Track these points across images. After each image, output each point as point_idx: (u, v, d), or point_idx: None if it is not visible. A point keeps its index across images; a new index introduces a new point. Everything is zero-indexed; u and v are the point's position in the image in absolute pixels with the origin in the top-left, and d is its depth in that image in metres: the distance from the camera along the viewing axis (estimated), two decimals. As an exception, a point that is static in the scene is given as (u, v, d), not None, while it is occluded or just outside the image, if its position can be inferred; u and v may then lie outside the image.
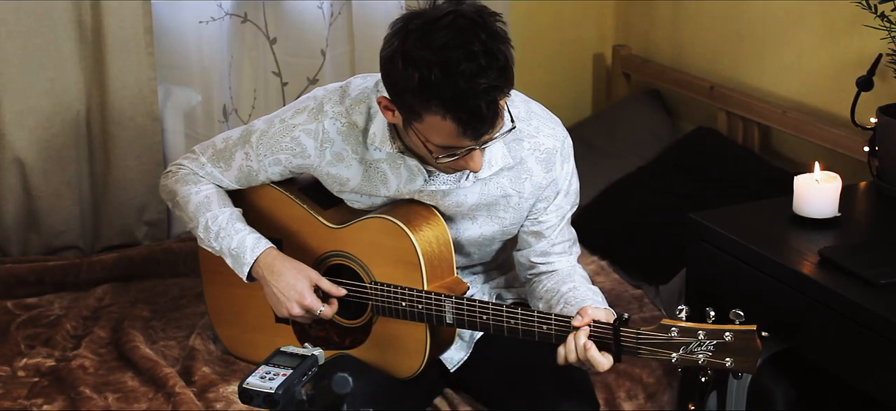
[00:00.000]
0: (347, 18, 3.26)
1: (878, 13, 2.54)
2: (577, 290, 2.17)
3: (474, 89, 1.87)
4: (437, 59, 1.87)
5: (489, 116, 1.90)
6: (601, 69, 3.82)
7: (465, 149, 1.97)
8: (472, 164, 2.00)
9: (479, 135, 1.93)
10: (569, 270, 2.25)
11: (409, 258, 2.13)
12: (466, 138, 1.93)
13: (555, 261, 2.25)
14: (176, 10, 3.09)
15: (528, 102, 2.20)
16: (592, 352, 1.96)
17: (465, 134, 1.92)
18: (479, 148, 1.98)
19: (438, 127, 1.93)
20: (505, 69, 1.91)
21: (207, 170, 2.31)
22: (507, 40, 1.94)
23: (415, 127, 1.98)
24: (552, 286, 2.21)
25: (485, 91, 1.88)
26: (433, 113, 1.91)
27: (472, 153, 1.98)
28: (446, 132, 1.93)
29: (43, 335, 2.63)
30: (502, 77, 1.90)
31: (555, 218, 2.22)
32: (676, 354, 1.92)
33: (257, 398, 1.68)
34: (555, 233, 2.23)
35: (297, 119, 2.20)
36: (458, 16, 1.90)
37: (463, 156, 1.98)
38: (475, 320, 2.09)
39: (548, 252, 2.25)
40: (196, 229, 2.28)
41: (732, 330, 1.88)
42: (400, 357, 2.21)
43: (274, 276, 2.20)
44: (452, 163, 2.01)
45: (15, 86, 2.95)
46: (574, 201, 2.26)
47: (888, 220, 2.45)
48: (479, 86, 1.87)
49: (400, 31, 1.93)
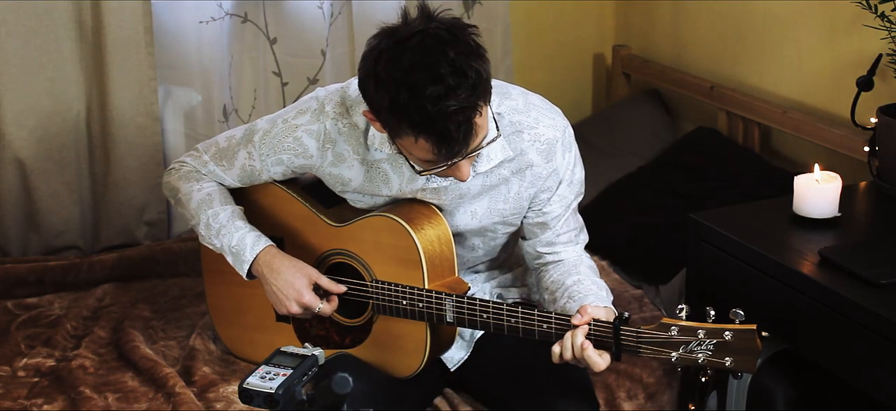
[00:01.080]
0: (347, 18, 3.26)
1: (878, 13, 2.54)
2: (582, 284, 2.16)
3: (442, 112, 1.86)
4: (404, 82, 1.86)
5: (460, 137, 1.89)
6: (601, 69, 3.82)
7: (446, 163, 1.97)
8: (459, 174, 2.00)
9: (454, 155, 1.93)
10: (575, 261, 2.25)
11: (411, 256, 2.13)
12: (442, 157, 1.94)
13: (561, 251, 2.25)
14: (176, 10, 3.09)
15: (527, 94, 2.20)
16: (589, 352, 1.96)
17: (440, 153, 1.92)
18: (466, 157, 1.98)
19: (415, 146, 1.93)
20: (476, 86, 1.88)
21: (210, 169, 2.31)
22: (480, 54, 1.91)
23: (397, 142, 1.99)
24: (558, 277, 2.21)
25: (454, 113, 1.87)
26: (407, 134, 1.91)
27: (458, 164, 1.98)
28: (424, 151, 1.93)
29: (43, 335, 2.63)
30: (473, 95, 1.88)
31: (559, 208, 2.23)
32: (676, 353, 1.92)
33: (257, 398, 1.68)
34: (559, 223, 2.24)
35: (300, 119, 2.20)
36: (425, 36, 1.88)
37: (449, 167, 1.99)
38: (475, 319, 2.09)
39: (553, 241, 2.25)
40: (197, 226, 2.29)
41: (732, 329, 1.88)
42: (400, 356, 2.21)
43: (273, 274, 2.20)
44: (440, 173, 2.02)
45: (15, 86, 2.95)
46: (579, 190, 2.26)
47: (888, 220, 2.45)
48: (447, 107, 1.86)
49: (373, 50, 1.92)
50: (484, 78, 1.90)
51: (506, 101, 2.15)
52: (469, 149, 1.95)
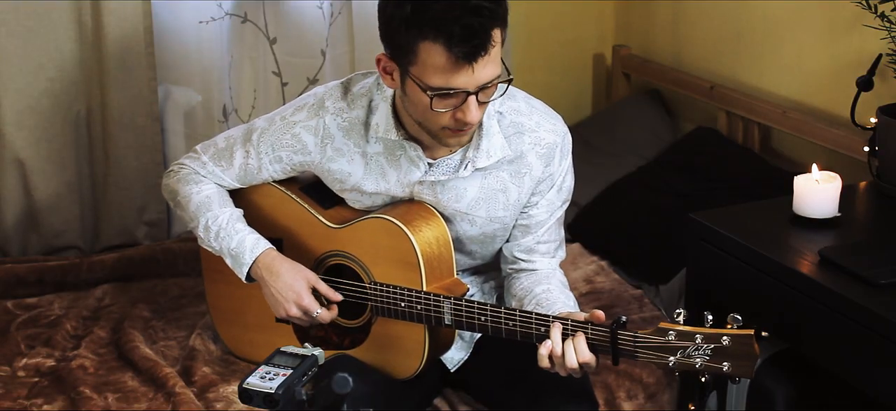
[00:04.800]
0: (347, 18, 3.26)
1: (878, 13, 2.54)
2: (551, 292, 2.17)
3: (465, 5, 1.91)
4: None
5: (480, 34, 1.92)
6: (601, 69, 3.82)
7: (460, 91, 1.96)
8: (469, 114, 1.99)
9: (471, 56, 1.93)
10: (548, 272, 2.25)
11: (409, 258, 2.13)
12: (459, 60, 1.93)
13: (537, 261, 2.25)
14: (176, 10, 3.09)
15: (530, 99, 2.22)
16: (582, 352, 1.96)
17: (458, 54, 1.92)
18: (476, 97, 1.98)
19: (432, 59, 1.94)
20: (497, 1, 1.95)
21: (209, 169, 2.31)
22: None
23: (412, 74, 1.99)
24: (528, 285, 2.22)
25: (476, 9, 1.91)
26: (425, 38, 1.93)
27: (469, 101, 1.98)
28: (440, 64, 1.94)
29: (43, 335, 2.63)
30: (496, 3, 1.94)
31: (544, 213, 2.23)
32: (674, 358, 1.91)
33: (257, 398, 1.68)
34: (542, 230, 2.24)
35: (298, 116, 2.21)
36: None
37: (459, 105, 1.98)
38: (473, 321, 2.09)
39: (532, 249, 2.25)
40: (196, 229, 2.29)
41: (730, 334, 1.87)
42: (399, 357, 2.21)
43: (272, 277, 2.20)
44: (451, 116, 2.01)
45: (15, 86, 2.95)
46: (566, 198, 2.26)
47: (888, 220, 2.45)
48: (469, 3, 1.91)
49: None
50: (504, 4, 1.97)
51: (508, 101, 2.15)
52: (483, 66, 1.95)
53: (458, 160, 2.16)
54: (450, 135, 2.07)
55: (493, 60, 1.96)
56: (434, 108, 2.00)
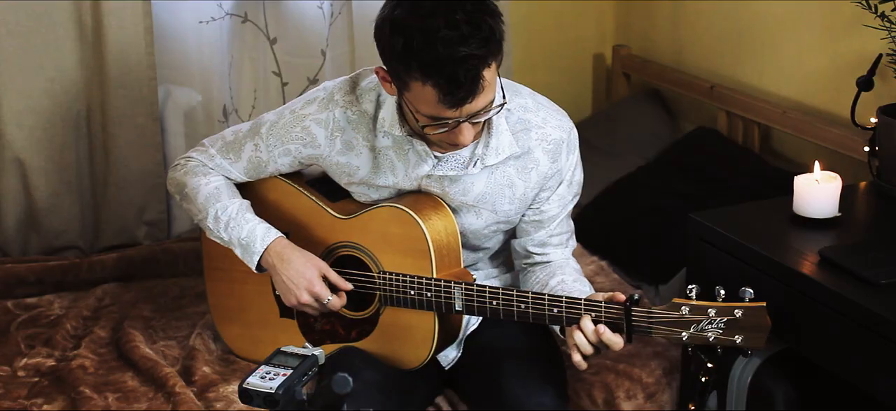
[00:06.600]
0: (347, 18, 3.26)
1: (878, 13, 2.54)
2: (565, 284, 2.19)
3: (453, 56, 1.90)
4: (420, 26, 1.91)
5: (467, 84, 1.92)
6: (601, 69, 3.82)
7: (450, 119, 1.98)
8: (461, 138, 2.02)
9: (459, 103, 1.95)
10: (561, 263, 2.27)
11: (419, 246, 2.14)
12: (447, 106, 1.95)
13: (550, 253, 2.28)
14: (176, 10, 3.09)
15: (535, 95, 2.24)
16: (607, 335, 1.99)
17: (445, 101, 1.94)
18: (468, 122, 2.00)
19: (421, 95, 1.96)
20: (488, 40, 1.93)
21: (217, 162, 2.33)
22: (495, 13, 1.96)
23: (405, 98, 2.02)
24: (542, 278, 2.24)
25: (463, 59, 1.91)
26: (414, 79, 1.95)
27: (460, 126, 2.00)
28: (429, 100, 1.96)
29: (43, 335, 2.63)
30: (485, 47, 1.93)
31: (556, 208, 2.24)
32: (687, 332, 1.95)
33: (257, 398, 1.68)
34: (554, 223, 2.26)
35: (308, 109, 2.23)
36: None
37: (452, 128, 2.00)
38: (485, 305, 2.10)
39: (545, 242, 2.27)
40: (205, 220, 2.30)
41: (743, 307, 1.93)
42: (408, 347, 2.21)
43: (284, 264, 2.21)
44: (444, 136, 2.03)
45: (15, 86, 2.95)
46: (576, 192, 2.28)
47: (888, 220, 2.45)
48: (458, 53, 1.90)
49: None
50: (497, 36, 1.95)
51: (515, 98, 2.17)
52: (473, 102, 1.96)
53: (467, 156, 2.17)
54: (447, 148, 2.09)
55: (487, 92, 1.98)
56: (426, 131, 2.04)
